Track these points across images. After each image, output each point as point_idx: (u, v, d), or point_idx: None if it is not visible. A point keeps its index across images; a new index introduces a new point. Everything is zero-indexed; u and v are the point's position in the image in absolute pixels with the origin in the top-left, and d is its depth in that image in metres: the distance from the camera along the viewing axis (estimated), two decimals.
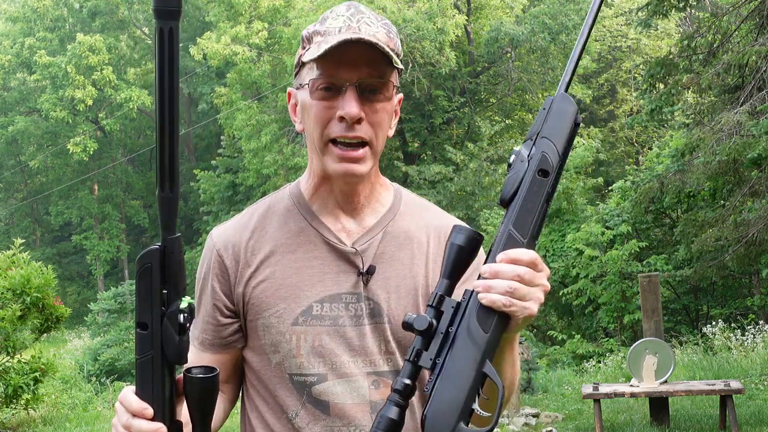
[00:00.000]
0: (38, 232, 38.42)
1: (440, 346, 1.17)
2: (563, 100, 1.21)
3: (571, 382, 10.36)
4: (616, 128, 27.69)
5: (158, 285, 1.16)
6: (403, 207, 1.53)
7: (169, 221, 1.15)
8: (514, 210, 1.17)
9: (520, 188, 1.18)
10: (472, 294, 1.18)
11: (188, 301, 1.18)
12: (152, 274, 1.16)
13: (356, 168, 1.40)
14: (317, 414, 1.42)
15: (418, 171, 22.21)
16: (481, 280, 1.17)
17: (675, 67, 10.90)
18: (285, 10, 26.68)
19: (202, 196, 28.32)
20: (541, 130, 1.20)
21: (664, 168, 12.96)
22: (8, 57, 34.04)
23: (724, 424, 7.02)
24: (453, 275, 1.19)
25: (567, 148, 1.20)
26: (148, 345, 1.17)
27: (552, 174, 1.19)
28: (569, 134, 1.20)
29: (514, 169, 1.20)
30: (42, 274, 9.23)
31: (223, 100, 27.55)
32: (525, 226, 1.17)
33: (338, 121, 1.37)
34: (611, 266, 13.48)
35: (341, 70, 1.36)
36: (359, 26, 1.38)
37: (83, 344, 25.46)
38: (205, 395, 1.19)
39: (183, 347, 1.17)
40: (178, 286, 1.17)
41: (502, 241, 1.17)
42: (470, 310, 1.16)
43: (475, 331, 1.15)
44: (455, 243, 1.19)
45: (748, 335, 11.03)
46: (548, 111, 1.21)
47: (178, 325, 1.16)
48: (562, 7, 23.60)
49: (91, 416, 10.26)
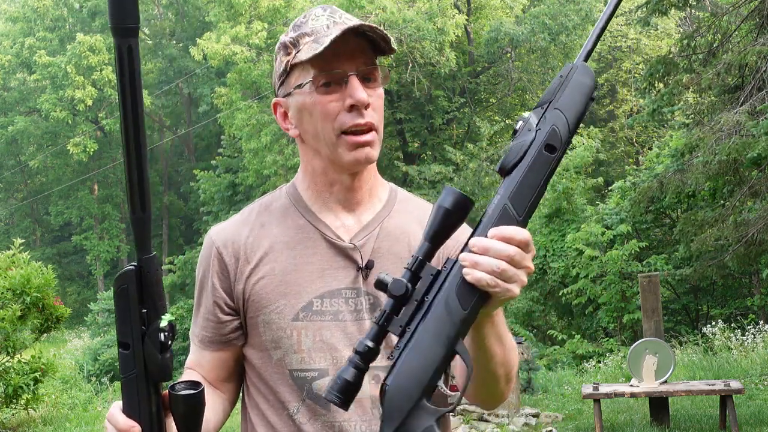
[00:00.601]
0: (38, 232, 38.42)
1: (413, 313, 1.11)
2: (584, 71, 1.13)
3: (571, 382, 10.36)
4: (616, 128, 27.70)
5: (136, 305, 1.18)
6: (398, 204, 1.55)
7: (144, 241, 1.16)
8: (514, 182, 1.10)
9: (523, 159, 1.10)
10: (454, 265, 1.11)
11: (168, 319, 1.19)
12: (129, 294, 1.17)
13: (370, 152, 1.43)
14: (317, 410, 1.43)
15: (418, 171, 22.21)
16: (467, 254, 1.10)
17: (675, 66, 10.90)
18: (285, 10, 26.67)
19: (202, 196, 28.33)
20: (555, 100, 1.12)
21: (663, 168, 12.96)
22: (8, 57, 34.04)
23: (724, 424, 7.02)
24: (435, 239, 1.11)
25: (577, 125, 1.13)
26: (131, 364, 1.19)
27: (559, 151, 1.11)
28: (583, 110, 1.12)
29: (519, 137, 1.12)
30: (42, 274, 9.22)
31: (222, 100, 27.55)
32: (522, 203, 1.09)
33: (347, 111, 1.39)
34: (611, 266, 13.49)
35: (341, 62, 1.39)
36: (343, 20, 1.42)
37: (83, 344, 25.46)
38: (189, 411, 1.21)
39: (165, 365, 1.19)
40: (157, 305, 1.18)
41: (496, 214, 1.10)
42: (451, 282, 1.09)
43: (453, 305, 1.08)
44: (443, 206, 1.11)
45: (748, 335, 11.03)
46: (565, 80, 1.13)
47: (159, 343, 1.18)
48: (562, 8, 23.60)
49: (91, 416, 10.26)
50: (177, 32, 35.75)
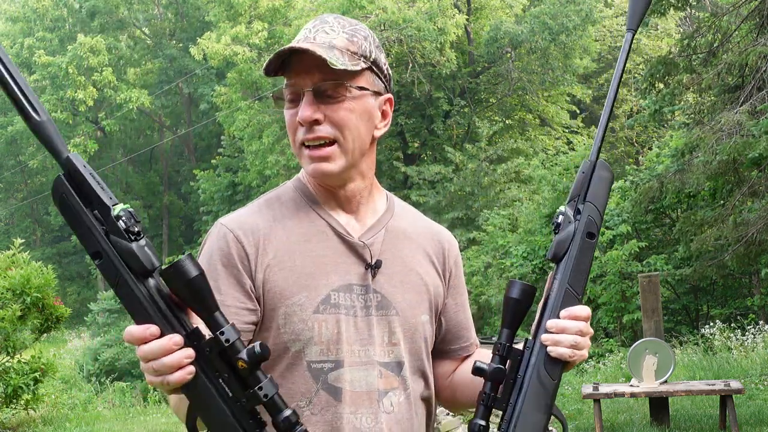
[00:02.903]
0: (38, 232, 38.42)
1: (511, 390, 1.31)
2: (602, 166, 1.34)
3: (571, 382, 10.36)
4: (616, 128, 27.68)
5: (83, 209, 1.13)
6: (397, 209, 1.62)
7: (54, 145, 1.12)
8: (568, 268, 1.30)
9: (570, 248, 1.31)
10: (534, 344, 1.31)
11: (120, 207, 1.14)
12: (71, 201, 1.14)
13: (325, 166, 1.47)
14: (329, 401, 1.45)
15: (418, 171, 22.20)
16: (549, 335, 1.30)
17: (675, 66, 10.90)
18: (285, 10, 26.68)
19: (202, 195, 28.34)
20: (587, 195, 1.33)
21: (664, 168, 12.96)
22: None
23: (724, 424, 7.02)
24: (513, 325, 1.33)
25: (604, 212, 1.35)
26: (111, 269, 1.14)
27: (596, 237, 1.33)
28: (607, 199, 1.35)
29: (562, 230, 1.32)
30: (42, 274, 9.22)
31: (222, 100, 27.54)
32: (578, 283, 1.30)
33: (300, 125, 1.46)
34: (611, 266, 13.48)
35: (297, 79, 1.46)
36: (315, 36, 1.46)
37: (83, 344, 25.47)
38: (184, 281, 1.14)
39: (144, 254, 1.14)
40: (101, 199, 1.14)
41: (561, 296, 1.31)
42: (538, 359, 1.30)
43: (545, 378, 1.29)
44: (512, 297, 1.33)
45: (748, 335, 11.03)
46: (590, 176, 1.33)
47: (125, 233, 1.13)
48: (563, 8, 23.58)
49: (91, 416, 10.26)
50: (177, 32, 35.74)
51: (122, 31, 35.11)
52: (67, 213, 1.14)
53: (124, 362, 22.68)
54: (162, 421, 9.89)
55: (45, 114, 1.12)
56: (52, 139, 1.12)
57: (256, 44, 25.90)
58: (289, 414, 1.17)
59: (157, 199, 36.42)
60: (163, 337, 1.14)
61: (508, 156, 22.12)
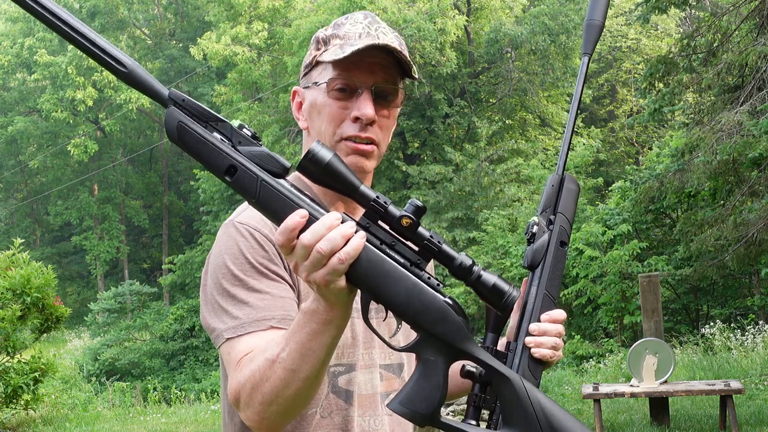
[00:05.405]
0: (38, 232, 38.41)
1: None
2: (570, 180, 1.41)
3: (571, 382, 10.36)
4: (616, 128, 27.70)
5: (202, 128, 1.13)
6: None
7: (150, 88, 1.13)
8: (545, 274, 1.35)
9: (546, 256, 1.36)
10: (517, 346, 1.33)
11: (235, 121, 1.15)
12: (190, 125, 1.13)
13: (364, 162, 1.45)
14: (339, 404, 1.45)
15: (418, 171, 22.21)
16: (532, 337, 1.32)
17: (675, 66, 10.90)
18: (285, 10, 26.68)
19: (201, 195, 28.30)
20: (557, 206, 1.39)
21: (664, 168, 12.96)
22: (8, 57, 34.03)
23: (724, 424, 7.02)
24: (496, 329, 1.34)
25: (572, 222, 1.42)
26: (250, 178, 1.13)
27: (568, 245, 1.39)
28: (575, 210, 1.42)
29: (537, 239, 1.37)
30: (42, 274, 9.22)
31: (222, 100, 27.55)
32: (555, 289, 1.36)
33: (352, 121, 1.43)
34: (611, 266, 13.48)
35: (359, 74, 1.42)
36: (377, 34, 1.44)
37: (83, 344, 25.50)
38: (322, 166, 1.13)
39: (269, 155, 1.14)
40: (218, 116, 1.14)
41: (540, 301, 1.35)
42: (522, 361, 1.32)
43: (529, 378, 1.31)
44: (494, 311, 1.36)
45: (748, 335, 11.03)
46: (560, 189, 1.39)
47: (251, 138, 1.14)
48: (562, 8, 23.59)
49: (91, 416, 10.26)
50: (177, 32, 35.76)
51: (122, 31, 35.11)
52: (188, 139, 1.13)
53: (123, 362, 22.70)
54: (162, 421, 9.90)
55: (131, 61, 1.11)
56: (146, 84, 1.12)
57: (256, 44, 25.90)
58: (464, 258, 1.19)
59: (157, 199, 36.40)
60: (324, 216, 1.13)
61: (508, 156, 22.12)
